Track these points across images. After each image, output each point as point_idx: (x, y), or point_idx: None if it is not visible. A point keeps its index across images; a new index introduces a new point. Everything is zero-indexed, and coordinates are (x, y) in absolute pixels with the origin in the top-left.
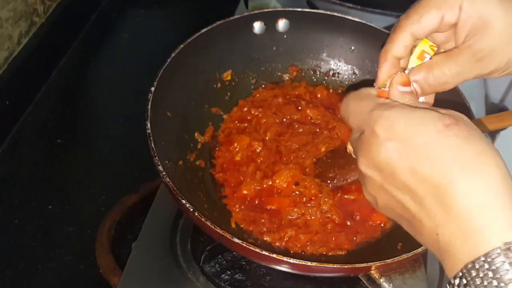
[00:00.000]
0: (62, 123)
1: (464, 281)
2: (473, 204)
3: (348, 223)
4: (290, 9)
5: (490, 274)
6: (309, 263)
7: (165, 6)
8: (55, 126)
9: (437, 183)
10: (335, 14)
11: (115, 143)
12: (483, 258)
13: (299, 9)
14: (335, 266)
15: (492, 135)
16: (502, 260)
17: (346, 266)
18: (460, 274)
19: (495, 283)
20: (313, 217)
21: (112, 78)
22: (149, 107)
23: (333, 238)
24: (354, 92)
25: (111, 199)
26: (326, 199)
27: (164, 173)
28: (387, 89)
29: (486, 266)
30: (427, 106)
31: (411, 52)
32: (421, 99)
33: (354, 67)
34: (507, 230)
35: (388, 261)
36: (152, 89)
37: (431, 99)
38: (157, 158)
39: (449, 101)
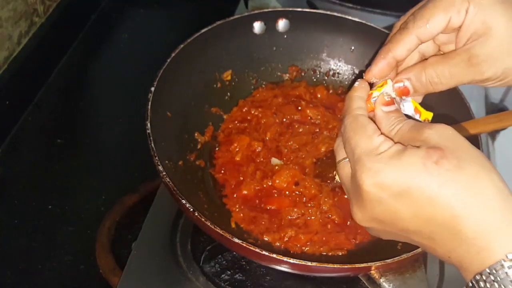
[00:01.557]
0: (62, 123)
1: None
2: (477, 231)
3: (348, 223)
4: (290, 9)
5: (496, 285)
6: (309, 263)
7: (165, 6)
8: (55, 126)
9: (441, 221)
10: (335, 14)
11: (115, 143)
12: (488, 270)
13: (299, 9)
14: (335, 266)
15: (492, 135)
16: (506, 272)
17: (346, 266)
18: (470, 284)
19: None
20: (313, 217)
21: (112, 78)
22: (149, 107)
23: (333, 238)
24: (352, 117)
25: (111, 199)
26: (326, 199)
27: (164, 173)
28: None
29: (492, 277)
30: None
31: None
32: (409, 99)
33: (354, 67)
34: (510, 244)
35: (388, 261)
36: (152, 89)
37: (419, 99)
38: (157, 158)
39: (449, 101)
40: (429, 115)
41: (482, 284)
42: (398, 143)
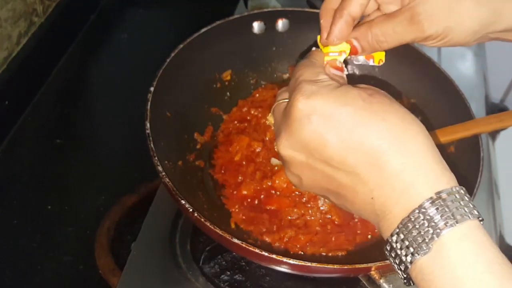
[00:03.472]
0: (62, 123)
1: (402, 235)
2: (405, 163)
3: (348, 223)
4: (290, 9)
5: (426, 223)
6: (309, 264)
7: (165, 6)
8: (55, 126)
9: (369, 148)
10: None
11: (115, 143)
12: (417, 210)
13: (299, 9)
14: (335, 267)
15: (492, 135)
16: (436, 208)
17: (346, 267)
18: (397, 230)
19: (430, 231)
20: (313, 218)
21: (111, 78)
22: (149, 107)
23: (333, 239)
24: (304, 59)
25: (111, 199)
26: (326, 200)
27: (163, 173)
28: (335, 54)
29: (421, 216)
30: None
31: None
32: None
33: (354, 67)
34: (437, 181)
35: (388, 261)
36: (152, 89)
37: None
38: (156, 158)
39: (449, 101)
40: (381, 55)
41: (410, 225)
42: None
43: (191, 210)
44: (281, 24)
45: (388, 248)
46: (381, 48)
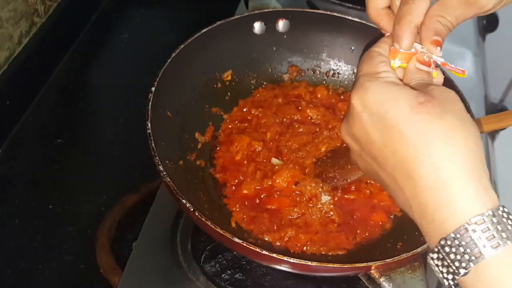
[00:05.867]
0: (62, 123)
1: (441, 256)
2: (438, 179)
3: (348, 222)
4: (290, 9)
5: (461, 249)
6: (309, 263)
7: (165, 6)
8: (55, 126)
9: (404, 157)
10: (335, 14)
11: (115, 143)
12: (453, 235)
13: (299, 9)
14: (335, 266)
15: (492, 135)
16: (470, 236)
17: (346, 266)
18: (436, 249)
19: (467, 257)
20: (313, 217)
21: (112, 78)
22: (150, 107)
23: (333, 238)
24: (369, 50)
25: (111, 199)
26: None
27: (164, 173)
28: (401, 50)
29: (457, 242)
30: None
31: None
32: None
33: (354, 67)
34: (472, 204)
35: (388, 260)
36: (153, 89)
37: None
38: (157, 158)
39: None
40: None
41: (447, 249)
42: (400, 79)
43: (192, 209)
44: (281, 24)
45: (430, 261)
46: (449, 30)
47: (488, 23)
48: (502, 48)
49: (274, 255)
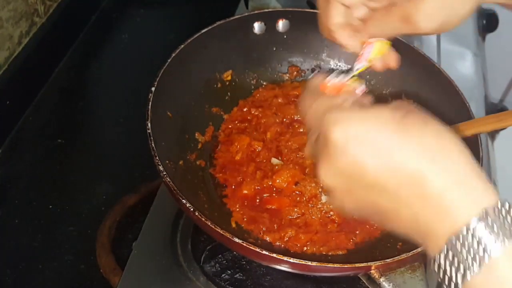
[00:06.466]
0: (62, 123)
1: (451, 253)
2: (446, 183)
3: (348, 222)
4: (290, 9)
5: (475, 243)
6: (309, 263)
7: (165, 6)
8: (55, 126)
9: (409, 171)
10: None
11: (115, 143)
12: (465, 229)
13: (299, 9)
14: (335, 266)
15: (492, 135)
16: (483, 226)
17: (346, 266)
18: (445, 248)
19: (481, 249)
20: (313, 217)
21: (112, 78)
22: (150, 107)
23: (333, 238)
24: (308, 87)
25: (111, 199)
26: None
27: (164, 173)
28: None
29: (470, 236)
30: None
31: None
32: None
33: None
34: (481, 197)
35: (388, 260)
36: (153, 89)
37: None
38: (157, 158)
39: (449, 101)
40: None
41: (459, 245)
42: None
43: (192, 209)
44: (281, 24)
45: (436, 267)
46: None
47: (488, 23)
48: (502, 48)
49: (274, 255)
